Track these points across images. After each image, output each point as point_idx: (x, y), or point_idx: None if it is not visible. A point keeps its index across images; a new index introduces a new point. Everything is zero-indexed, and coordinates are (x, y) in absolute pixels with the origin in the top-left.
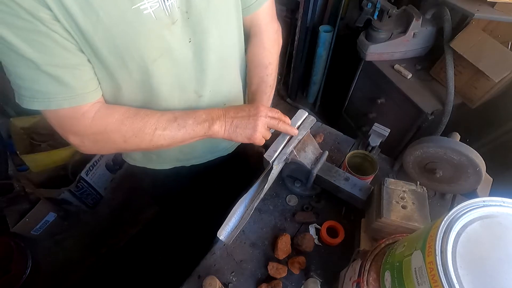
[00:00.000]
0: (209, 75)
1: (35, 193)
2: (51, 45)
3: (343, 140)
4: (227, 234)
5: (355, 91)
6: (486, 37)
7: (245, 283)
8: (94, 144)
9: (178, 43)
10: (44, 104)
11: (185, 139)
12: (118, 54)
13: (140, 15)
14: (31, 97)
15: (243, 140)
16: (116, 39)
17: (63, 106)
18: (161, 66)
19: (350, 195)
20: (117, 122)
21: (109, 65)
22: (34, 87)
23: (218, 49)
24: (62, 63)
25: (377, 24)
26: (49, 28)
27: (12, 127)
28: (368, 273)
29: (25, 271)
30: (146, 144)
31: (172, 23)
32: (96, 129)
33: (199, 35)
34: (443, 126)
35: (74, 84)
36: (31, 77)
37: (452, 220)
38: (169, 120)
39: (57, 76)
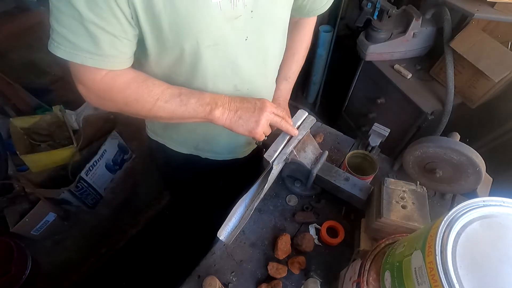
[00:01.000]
0: (253, 74)
1: (35, 193)
2: (105, 8)
3: (343, 140)
4: (227, 234)
5: (355, 91)
6: (486, 37)
7: (245, 283)
8: (97, 99)
9: (235, 38)
10: (69, 55)
11: (185, 117)
12: (177, 32)
13: (208, 2)
14: (60, 43)
15: (243, 132)
16: (180, 19)
17: (86, 63)
18: (212, 54)
19: (350, 195)
20: (124, 84)
21: (165, 41)
22: (68, 36)
23: (268, 53)
24: (106, 27)
25: (377, 24)
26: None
27: (12, 127)
28: (368, 273)
29: (25, 271)
30: (145, 111)
31: (235, 18)
32: (103, 86)
33: (256, 35)
34: (443, 126)
35: (106, 48)
36: (70, 26)
37: (452, 220)
38: (173, 94)
39: (96, 36)
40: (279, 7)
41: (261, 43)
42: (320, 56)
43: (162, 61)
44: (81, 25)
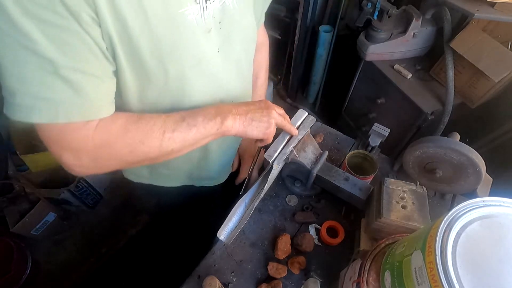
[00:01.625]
0: (233, 85)
1: (35, 193)
2: (80, 48)
3: (343, 140)
4: (227, 234)
5: (355, 91)
6: (486, 37)
7: (245, 283)
8: (93, 161)
9: (211, 52)
10: (49, 116)
11: (197, 140)
12: (160, 57)
13: (185, 19)
14: (32, 106)
15: (258, 135)
16: (161, 41)
17: (74, 119)
18: (197, 73)
19: (350, 195)
20: (121, 129)
21: (148, 70)
22: (41, 93)
23: (241, 62)
24: (85, 69)
25: (377, 24)
26: (83, 29)
27: (12, 127)
28: (368, 273)
29: (25, 271)
30: (155, 151)
31: (207, 32)
32: (98, 141)
33: (226, 46)
34: (443, 126)
35: (91, 94)
36: (41, 81)
37: (452, 220)
38: (177, 121)
39: (76, 82)
40: (243, 15)
41: (233, 54)
42: (320, 56)
43: (144, 95)
44: (56, 75)
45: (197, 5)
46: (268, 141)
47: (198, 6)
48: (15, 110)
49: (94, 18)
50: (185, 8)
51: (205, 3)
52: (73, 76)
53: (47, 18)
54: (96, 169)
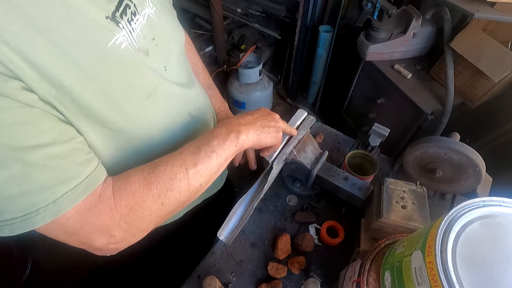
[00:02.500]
0: (192, 94)
1: None
2: (32, 122)
3: (343, 140)
4: (227, 234)
5: (355, 91)
6: (486, 37)
7: (245, 283)
8: (127, 231)
9: (159, 73)
10: (51, 212)
11: (220, 165)
12: (113, 102)
13: (119, 51)
14: (26, 212)
15: (271, 140)
16: (106, 85)
17: (79, 198)
18: (156, 99)
19: (350, 195)
20: (142, 185)
21: (105, 121)
22: (27, 196)
23: (186, 68)
24: (54, 140)
25: (377, 24)
26: (23, 102)
27: None
28: (368, 273)
29: (25, 271)
30: (184, 193)
31: (146, 54)
32: (124, 207)
33: (170, 59)
34: (443, 126)
35: (79, 163)
36: (18, 183)
37: (452, 220)
38: (194, 153)
39: (56, 162)
40: (168, 20)
41: (178, 65)
42: (320, 56)
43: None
44: (30, 167)
45: (122, 30)
46: (277, 146)
47: (124, 32)
48: (12, 226)
49: (24, 87)
50: (113, 39)
51: (129, 26)
52: (44, 156)
53: None
54: (132, 238)
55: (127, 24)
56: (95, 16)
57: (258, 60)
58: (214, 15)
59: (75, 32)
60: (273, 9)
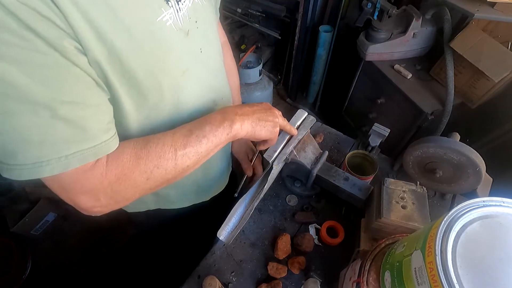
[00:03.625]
0: (219, 82)
1: (35, 193)
2: (71, 80)
3: (343, 140)
4: (227, 234)
5: (355, 91)
6: (486, 37)
7: (245, 283)
8: (111, 198)
9: (195, 54)
10: (60, 165)
11: (210, 150)
12: (152, 73)
13: (165, 27)
14: (37, 160)
15: (266, 134)
16: (150, 56)
17: (87, 160)
18: (189, 79)
19: (350, 195)
20: (132, 158)
21: (143, 88)
22: (44, 143)
23: (218, 56)
24: (84, 103)
25: (377, 24)
26: (70, 60)
27: None
28: (368, 273)
29: (25, 271)
30: (171, 172)
31: (186, 34)
32: (113, 176)
33: (206, 44)
34: (443, 126)
35: (96, 128)
36: (40, 130)
37: (452, 220)
38: (185, 135)
39: (77, 119)
40: (209, 12)
41: (212, 50)
42: (320, 56)
43: (141, 116)
44: (55, 119)
45: (170, 8)
46: (273, 141)
47: (171, 10)
48: (20, 170)
49: (77, 47)
50: (161, 16)
51: (177, 5)
52: (74, 114)
53: (28, 59)
54: (115, 205)
55: (175, 3)
56: None
57: (258, 60)
58: None
59: (132, 3)
60: (273, 9)
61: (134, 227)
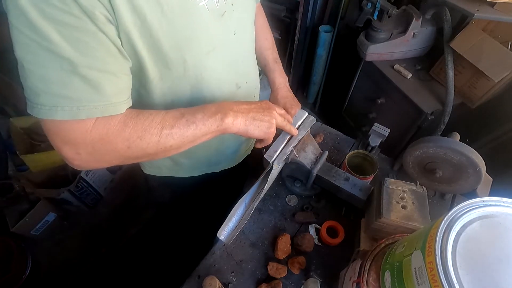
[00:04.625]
0: (246, 67)
1: (35, 193)
2: (96, 46)
3: (343, 140)
4: (227, 234)
5: (355, 91)
6: (486, 37)
7: (245, 283)
8: (90, 155)
9: (226, 35)
10: (71, 113)
11: (197, 136)
12: (178, 48)
13: (197, 7)
14: (55, 105)
15: (259, 134)
16: (178, 32)
17: (94, 115)
18: (213, 59)
19: (350, 195)
20: (119, 124)
21: (168, 60)
22: (62, 92)
23: (251, 41)
24: (102, 67)
25: (377, 24)
26: (98, 28)
27: (12, 127)
28: (368, 273)
29: (25, 271)
30: (153, 147)
31: (221, 15)
32: (96, 135)
33: (241, 27)
34: (443, 126)
35: (109, 91)
36: (61, 80)
37: (452, 220)
38: (176, 117)
39: (94, 80)
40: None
41: (246, 34)
42: (320, 56)
43: (164, 85)
44: (74, 74)
45: None
46: (268, 141)
47: None
48: (39, 109)
49: (108, 17)
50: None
51: None
52: (92, 74)
53: (63, 19)
54: (94, 163)
55: None
56: None
57: None
58: None
59: None
60: (273, 9)
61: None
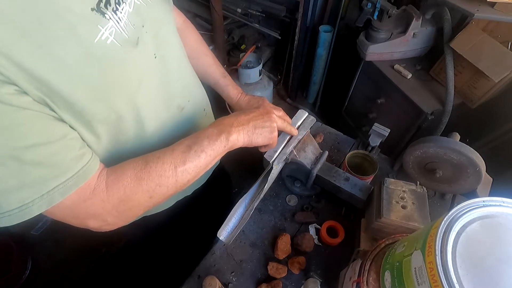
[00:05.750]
0: (183, 84)
1: None
2: (27, 124)
3: (343, 140)
4: (227, 234)
5: (355, 91)
6: (486, 37)
7: (245, 283)
8: (118, 218)
9: (148, 63)
10: (45, 202)
11: (208, 162)
12: (105, 99)
13: (105, 46)
14: (22, 205)
15: (263, 141)
16: (96, 83)
17: (70, 190)
18: (144, 94)
19: (350, 195)
20: (134, 180)
21: (97, 116)
22: (22, 191)
23: (179, 55)
24: (48, 139)
25: (377, 24)
26: (15, 106)
27: None
28: (368, 273)
29: (25, 271)
30: (172, 188)
31: (136, 44)
32: (116, 199)
33: (161, 46)
34: (443, 126)
35: (70, 159)
36: (16, 179)
37: (452, 220)
38: (184, 152)
39: (49, 159)
40: (155, 5)
41: (169, 50)
42: (320, 56)
43: (105, 140)
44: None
45: (109, 21)
46: (272, 146)
47: (111, 23)
48: (9, 217)
49: (18, 90)
50: (99, 34)
51: (115, 15)
52: (39, 155)
53: None
54: (123, 222)
55: (112, 14)
56: (81, 10)
57: (258, 60)
58: (214, 15)
59: (62, 31)
60: (273, 9)
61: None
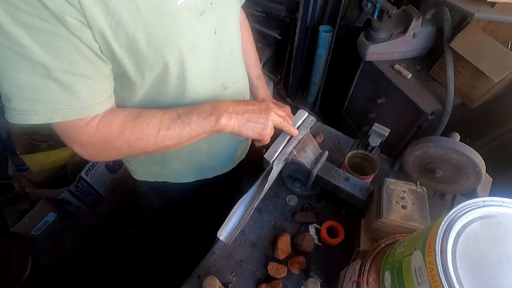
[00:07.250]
0: (232, 66)
1: (35, 193)
2: (69, 50)
3: (343, 140)
4: (227, 234)
5: (355, 91)
6: (486, 37)
7: (245, 283)
8: (97, 153)
9: (207, 34)
10: (46, 117)
11: (192, 137)
12: (157, 47)
13: (174, 6)
14: (28, 109)
15: (252, 135)
16: (155, 32)
17: (69, 118)
18: (194, 58)
19: (350, 195)
20: (119, 128)
21: (147, 61)
22: (35, 96)
23: (235, 41)
24: (76, 71)
25: (377, 24)
26: (71, 32)
27: (12, 127)
28: (368, 273)
29: (25, 271)
30: (151, 146)
31: (200, 14)
32: (100, 138)
33: (222, 26)
34: (443, 126)
35: (84, 93)
36: (35, 85)
37: (452, 220)
38: (172, 119)
39: (68, 84)
40: None
41: (228, 33)
42: (320, 56)
43: (147, 86)
44: (48, 78)
45: None
46: (264, 142)
47: None
48: (13, 114)
49: (81, 21)
50: None
51: None
52: (65, 78)
53: (35, 25)
54: (102, 158)
55: None
56: None
57: None
58: None
59: None
60: (273, 9)
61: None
